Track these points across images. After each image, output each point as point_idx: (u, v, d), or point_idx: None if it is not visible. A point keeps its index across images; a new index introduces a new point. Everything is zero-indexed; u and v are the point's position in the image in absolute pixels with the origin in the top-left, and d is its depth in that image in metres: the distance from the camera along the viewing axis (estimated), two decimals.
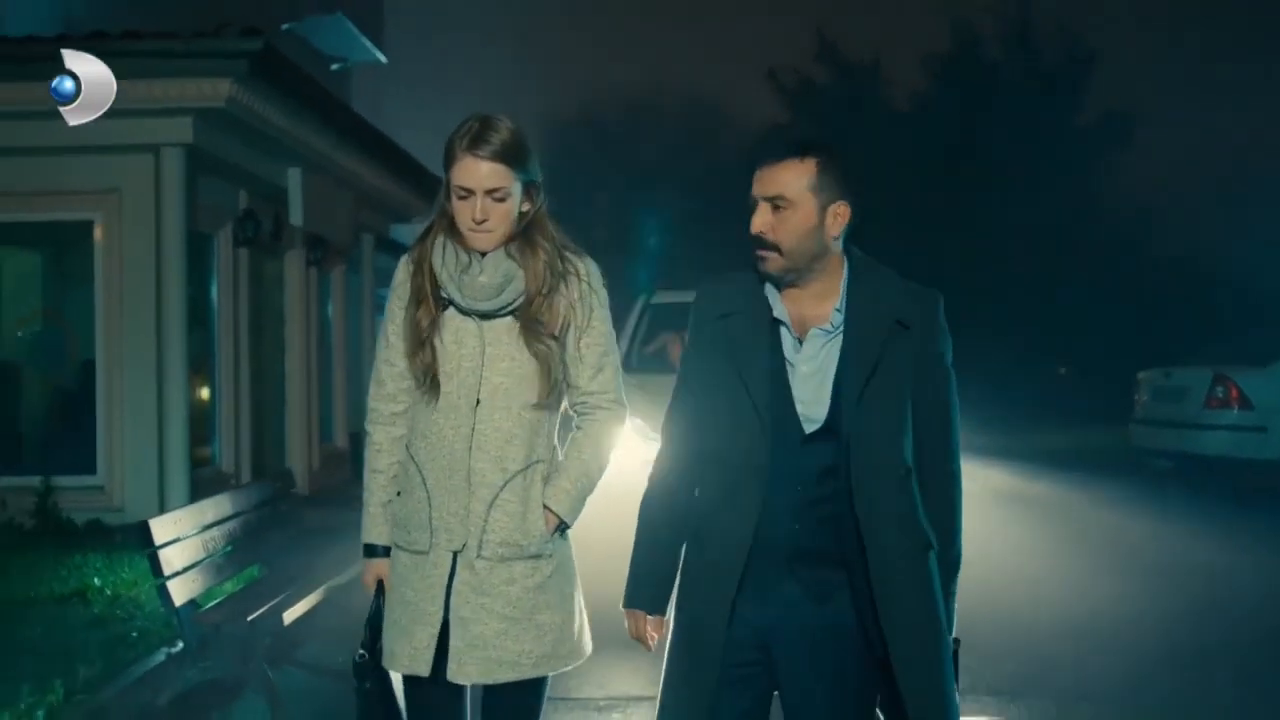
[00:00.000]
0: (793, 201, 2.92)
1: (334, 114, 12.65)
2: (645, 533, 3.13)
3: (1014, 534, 10.78)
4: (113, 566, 8.23)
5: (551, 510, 3.16)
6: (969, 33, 34.75)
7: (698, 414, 3.05)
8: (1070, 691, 6.09)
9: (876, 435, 2.91)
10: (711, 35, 63.62)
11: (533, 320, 3.13)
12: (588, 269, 3.23)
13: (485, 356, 3.13)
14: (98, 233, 10.73)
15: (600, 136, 48.26)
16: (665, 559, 3.09)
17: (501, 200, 3.09)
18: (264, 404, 12.72)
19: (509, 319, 3.14)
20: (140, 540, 9.06)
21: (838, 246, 3.00)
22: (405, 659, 3.13)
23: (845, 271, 3.01)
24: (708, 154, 40.29)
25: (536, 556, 3.13)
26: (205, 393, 11.76)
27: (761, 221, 2.95)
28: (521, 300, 3.13)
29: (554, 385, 3.16)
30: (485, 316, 3.13)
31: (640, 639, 3.15)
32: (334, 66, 23.68)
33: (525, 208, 3.16)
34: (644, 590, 3.13)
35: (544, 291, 3.13)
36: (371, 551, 3.29)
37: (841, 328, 2.96)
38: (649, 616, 3.13)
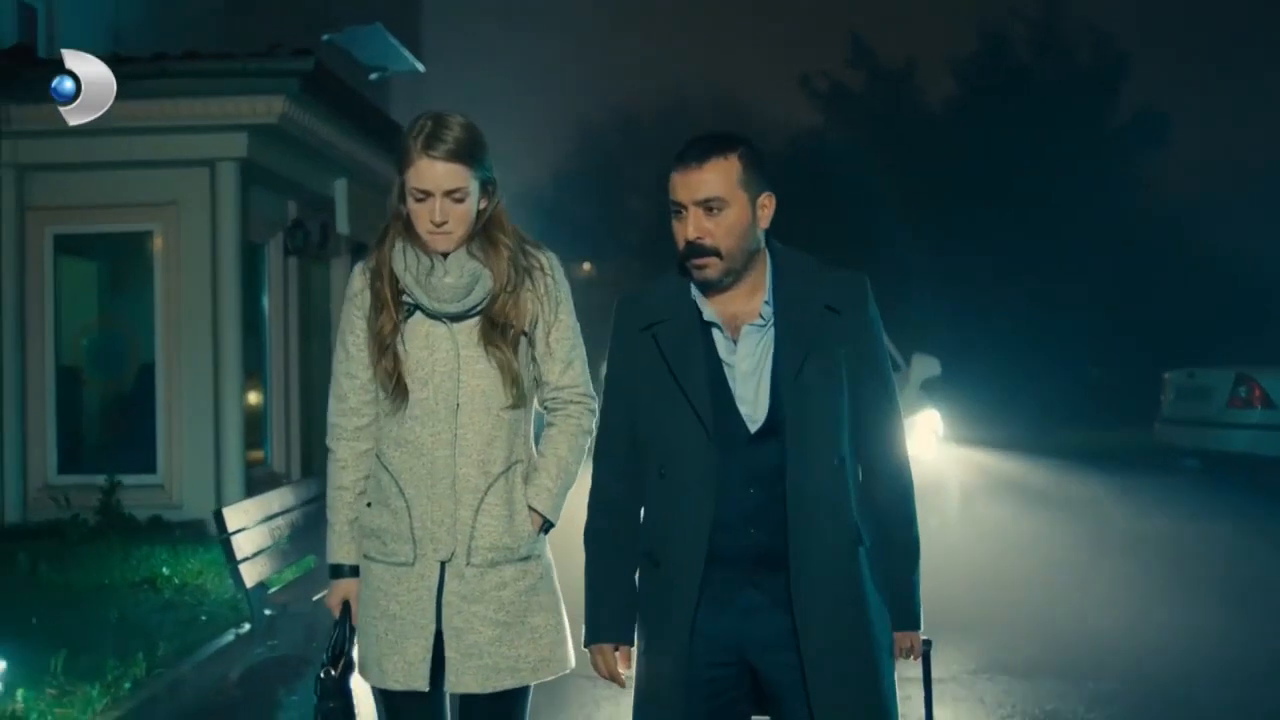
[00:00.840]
0: (727, 201, 2.83)
1: (377, 126, 13.14)
2: (597, 561, 3.02)
3: (1032, 527, 11.17)
4: (178, 557, 8.73)
5: (536, 510, 3.11)
6: (998, 37, 35.01)
7: (635, 430, 2.96)
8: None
9: (812, 426, 2.83)
10: (745, 41, 63.96)
11: (501, 318, 3.06)
12: (550, 262, 3.17)
13: (461, 359, 3.05)
14: (157, 243, 11.26)
15: (635, 141, 48.77)
16: (622, 585, 2.98)
17: (460, 201, 3.01)
18: (313, 406, 13.22)
19: (477, 319, 3.07)
20: (200, 534, 9.74)
21: (762, 239, 2.93)
22: (399, 674, 3.04)
23: (768, 263, 2.94)
24: None
25: (526, 558, 3.08)
26: (257, 396, 12.28)
27: (697, 227, 2.84)
28: (488, 299, 3.06)
29: (527, 382, 3.12)
30: (455, 318, 3.06)
31: (611, 676, 3.01)
32: (373, 76, 24.16)
33: (483, 205, 3.09)
34: (606, 622, 2.99)
35: (509, 289, 3.07)
36: (339, 572, 3.18)
37: (772, 320, 2.89)
38: (617, 649, 2.99)
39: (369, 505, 3.11)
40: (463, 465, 3.03)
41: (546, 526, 3.14)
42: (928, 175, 32.38)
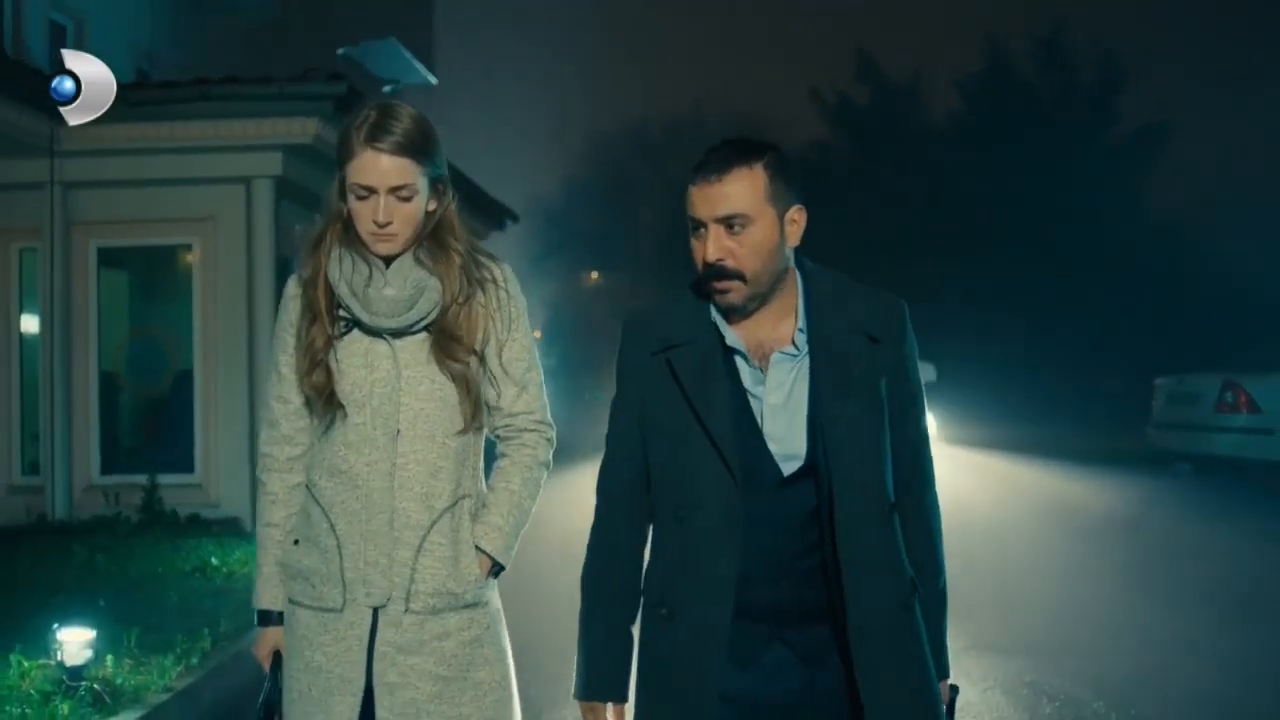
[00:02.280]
0: (751, 217, 2.51)
1: None
2: (597, 607, 2.70)
3: (1019, 517, 11.81)
4: (224, 549, 9.37)
5: (484, 551, 2.78)
6: (1003, 52, 35.65)
7: (646, 467, 2.66)
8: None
9: (861, 469, 2.54)
10: (755, 53, 64.59)
11: (449, 335, 2.74)
12: (504, 273, 2.85)
13: (402, 380, 2.72)
14: (194, 256, 11.91)
15: (645, 152, 49.40)
16: (622, 638, 2.67)
17: (407, 199, 2.68)
18: None
19: (423, 335, 2.75)
20: (237, 530, 10.38)
21: (792, 258, 2.62)
22: None
23: (800, 284, 2.63)
24: None
25: (472, 605, 2.75)
26: None
27: (718, 248, 2.52)
28: (436, 313, 2.74)
29: (478, 407, 2.78)
30: (396, 334, 2.73)
31: None
32: (386, 89, 24.72)
33: (432, 207, 2.76)
34: (603, 677, 2.67)
35: (460, 300, 2.75)
36: (266, 618, 2.85)
37: (806, 349, 2.58)
38: (613, 706, 2.68)
39: (295, 543, 2.79)
40: (402, 499, 2.70)
41: (496, 570, 2.82)
42: (932, 186, 33.02)
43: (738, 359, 2.60)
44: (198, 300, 11.84)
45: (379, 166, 2.66)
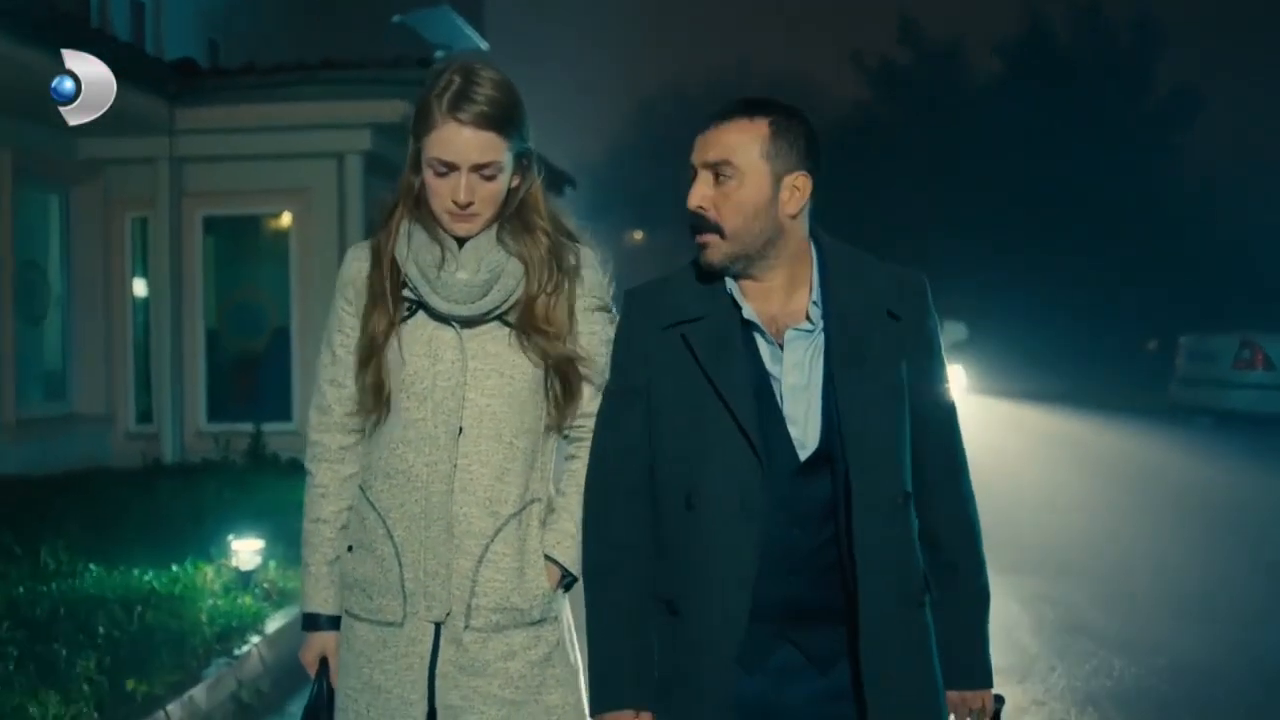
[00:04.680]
0: (739, 170, 2.35)
1: None
2: (608, 604, 2.47)
3: (1037, 456, 12.92)
4: None
5: (555, 561, 2.53)
6: (1042, 18, 36.27)
7: (660, 452, 2.45)
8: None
9: (875, 455, 2.37)
10: (799, 15, 65.16)
11: (535, 328, 2.49)
12: (587, 259, 2.59)
13: (468, 373, 2.48)
14: (291, 223, 13.11)
15: (689, 115, 50.18)
16: (643, 639, 2.45)
17: (491, 178, 2.43)
18: None
19: (494, 324, 2.50)
20: None
21: (799, 228, 2.42)
22: None
23: (814, 257, 2.46)
24: None
25: (539, 622, 2.51)
26: None
27: (700, 194, 2.38)
28: (518, 301, 2.49)
29: (558, 408, 2.55)
30: (466, 323, 2.48)
31: None
32: (438, 54, 25.76)
33: (515, 184, 2.50)
34: (624, 683, 2.44)
35: (549, 290, 2.50)
36: (314, 623, 2.61)
37: (821, 325, 2.41)
38: (637, 715, 2.44)
39: (350, 550, 2.56)
40: (463, 504, 2.46)
41: (567, 582, 2.57)
42: (970, 149, 33.75)
43: (756, 335, 2.41)
44: (294, 264, 13.02)
45: (462, 141, 2.40)
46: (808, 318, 2.42)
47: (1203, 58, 38.35)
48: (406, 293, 2.50)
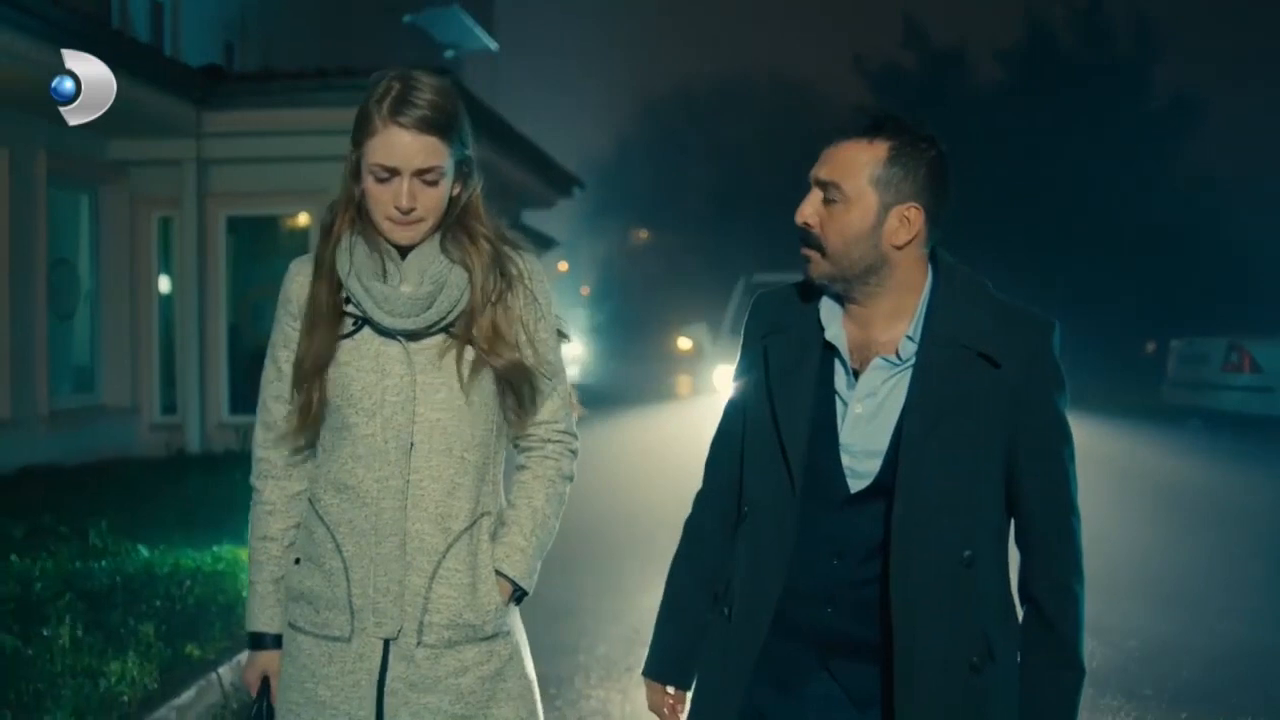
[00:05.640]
0: (846, 193, 2.27)
1: (496, 129, 15.41)
2: (672, 591, 2.58)
3: None
4: None
5: (505, 575, 2.50)
6: (1042, 24, 36.70)
7: (740, 452, 2.48)
8: None
9: (935, 499, 2.24)
10: (802, 18, 65.64)
11: (485, 337, 2.45)
12: (531, 268, 2.54)
13: (417, 387, 2.44)
14: (310, 223, 13.61)
15: (693, 115, 50.63)
16: (692, 625, 2.53)
17: (433, 183, 2.39)
18: None
19: (440, 337, 2.46)
20: None
21: (907, 258, 2.32)
22: None
23: (928, 287, 2.34)
24: (800, 136, 42.74)
25: (491, 637, 2.48)
26: None
27: (808, 210, 2.32)
28: (463, 312, 2.45)
29: (517, 416, 2.53)
30: (411, 336, 2.44)
31: (657, 712, 2.61)
32: (448, 54, 26.12)
33: (457, 191, 2.46)
34: (666, 660, 2.57)
35: (494, 299, 2.46)
36: (259, 642, 2.58)
37: (913, 360, 2.30)
38: (671, 690, 2.57)
39: (297, 562, 2.52)
40: (416, 520, 2.43)
41: (518, 595, 2.55)
42: (972, 154, 34.11)
43: (835, 359, 2.36)
44: None
45: (403, 145, 2.35)
46: (897, 352, 2.32)
47: (1203, 62, 38.83)
48: (350, 308, 2.45)
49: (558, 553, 2.55)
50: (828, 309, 2.37)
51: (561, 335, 2.59)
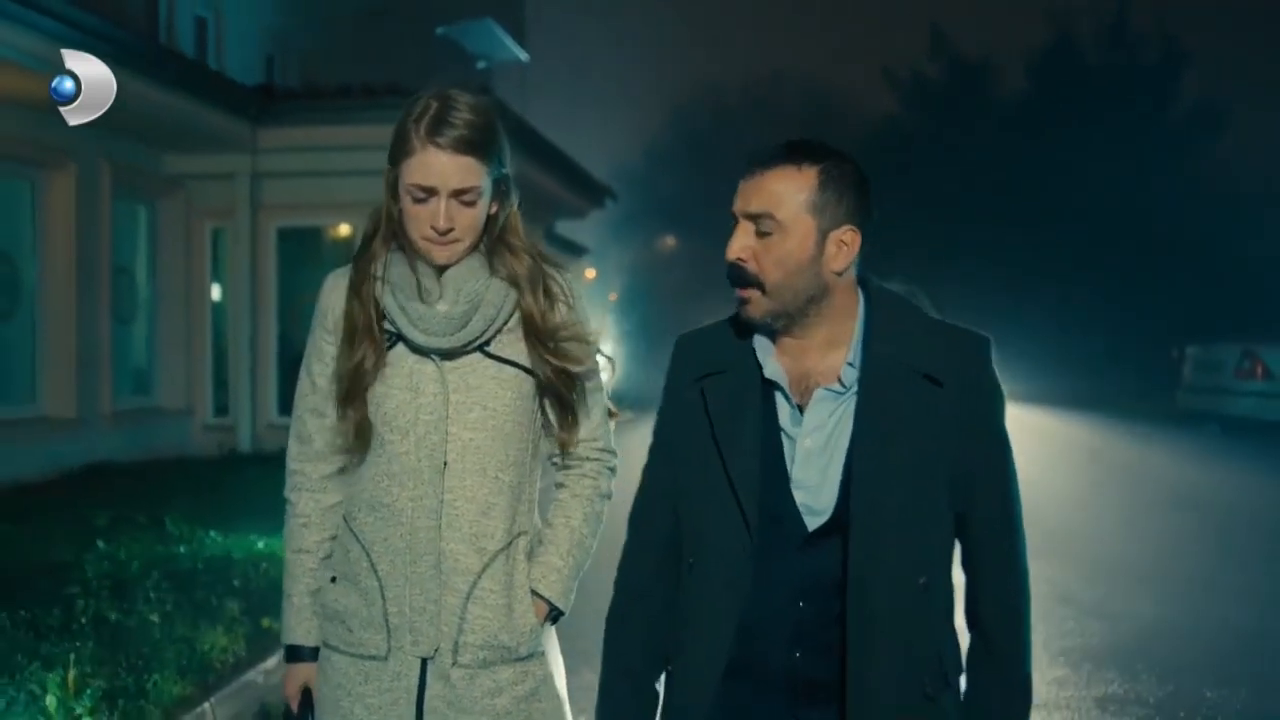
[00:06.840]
0: (782, 223, 2.20)
1: (535, 144, 15.96)
2: (614, 658, 2.45)
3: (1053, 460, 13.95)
4: None
5: (541, 596, 2.50)
6: (1068, 35, 37.11)
7: (679, 507, 2.39)
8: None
9: (890, 530, 2.20)
10: (832, 29, 66.12)
11: (547, 334, 2.47)
12: (568, 287, 2.55)
13: (450, 406, 2.43)
14: (355, 233, 14.22)
15: (722, 123, 51.16)
16: (643, 691, 2.44)
17: (470, 204, 2.39)
18: None
19: (476, 356, 2.46)
20: None
21: (844, 283, 2.26)
22: None
23: (860, 311, 2.29)
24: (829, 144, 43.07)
25: (526, 658, 2.48)
26: None
27: (740, 245, 2.23)
28: (500, 328, 2.47)
29: (536, 437, 2.53)
30: (447, 355, 2.44)
31: None
32: (479, 64, 26.67)
33: (494, 211, 2.46)
34: None
35: (543, 310, 2.48)
36: (297, 654, 2.57)
37: (855, 388, 2.25)
38: None
39: (333, 580, 2.52)
40: (451, 540, 2.43)
41: (554, 615, 2.54)
42: (998, 163, 34.53)
43: (776, 394, 2.30)
44: None
45: (440, 166, 2.35)
46: (839, 379, 2.26)
47: (1228, 73, 39.07)
48: (385, 325, 2.45)
49: (601, 555, 2.57)
50: (761, 345, 2.30)
51: (600, 353, 2.57)
